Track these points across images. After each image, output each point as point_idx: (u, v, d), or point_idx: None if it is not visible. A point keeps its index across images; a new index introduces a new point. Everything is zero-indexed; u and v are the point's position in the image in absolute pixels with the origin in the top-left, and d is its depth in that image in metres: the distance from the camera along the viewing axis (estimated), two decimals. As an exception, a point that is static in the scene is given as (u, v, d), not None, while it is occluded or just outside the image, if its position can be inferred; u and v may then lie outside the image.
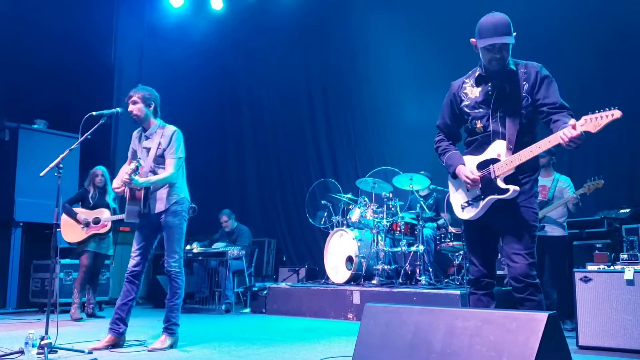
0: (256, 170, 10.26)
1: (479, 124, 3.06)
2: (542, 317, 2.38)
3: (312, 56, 9.54)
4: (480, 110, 3.05)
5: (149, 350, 4.07)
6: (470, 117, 3.10)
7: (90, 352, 3.84)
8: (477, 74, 3.09)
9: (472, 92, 3.09)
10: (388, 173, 7.29)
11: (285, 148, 9.87)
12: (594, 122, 2.66)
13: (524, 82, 2.96)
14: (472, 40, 2.99)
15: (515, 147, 2.93)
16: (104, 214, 6.35)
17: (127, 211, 4.22)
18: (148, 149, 4.25)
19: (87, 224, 6.28)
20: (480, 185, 3.02)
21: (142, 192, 4.17)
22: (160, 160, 4.23)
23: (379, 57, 8.62)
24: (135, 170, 4.03)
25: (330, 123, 9.39)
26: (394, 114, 8.45)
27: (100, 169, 6.63)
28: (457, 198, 3.19)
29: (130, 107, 4.23)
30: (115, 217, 6.35)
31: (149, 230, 4.27)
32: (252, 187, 10.27)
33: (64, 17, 8.21)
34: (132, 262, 4.25)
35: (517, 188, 2.92)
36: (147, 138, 4.30)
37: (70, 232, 6.28)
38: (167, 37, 9.43)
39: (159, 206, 4.20)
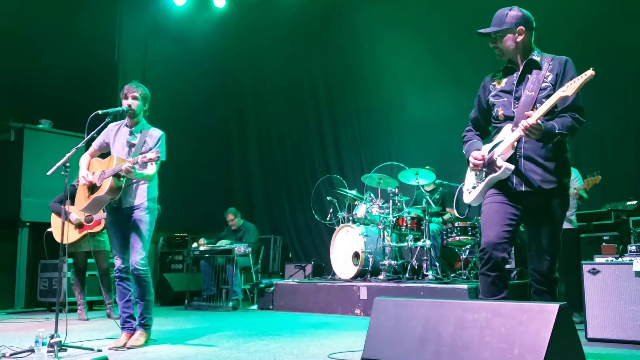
0: (261, 167, 10.27)
1: (500, 112, 3.17)
2: (553, 308, 2.38)
3: (316, 52, 9.53)
4: (503, 99, 3.16)
5: (126, 348, 4.04)
6: (494, 106, 3.21)
7: (99, 350, 3.85)
8: (504, 65, 3.23)
9: (499, 83, 3.22)
10: (393, 168, 7.29)
11: (290, 145, 9.88)
12: (571, 85, 2.82)
13: (549, 73, 3.04)
14: None
15: None
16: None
17: (95, 200, 4.11)
18: (132, 145, 4.25)
19: (79, 225, 6.12)
20: (485, 168, 3.13)
21: (123, 184, 4.15)
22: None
23: (383, 53, 8.59)
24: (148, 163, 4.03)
25: (335, 119, 9.38)
26: (399, 110, 8.43)
27: None
28: (467, 183, 3.31)
29: (131, 102, 4.24)
30: None
31: (123, 226, 4.24)
32: (257, 184, 10.28)
33: (67, 17, 8.21)
34: (117, 261, 4.24)
35: (511, 166, 3.00)
36: (131, 134, 4.31)
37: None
38: (171, 35, 9.43)
39: (137, 200, 4.17)
